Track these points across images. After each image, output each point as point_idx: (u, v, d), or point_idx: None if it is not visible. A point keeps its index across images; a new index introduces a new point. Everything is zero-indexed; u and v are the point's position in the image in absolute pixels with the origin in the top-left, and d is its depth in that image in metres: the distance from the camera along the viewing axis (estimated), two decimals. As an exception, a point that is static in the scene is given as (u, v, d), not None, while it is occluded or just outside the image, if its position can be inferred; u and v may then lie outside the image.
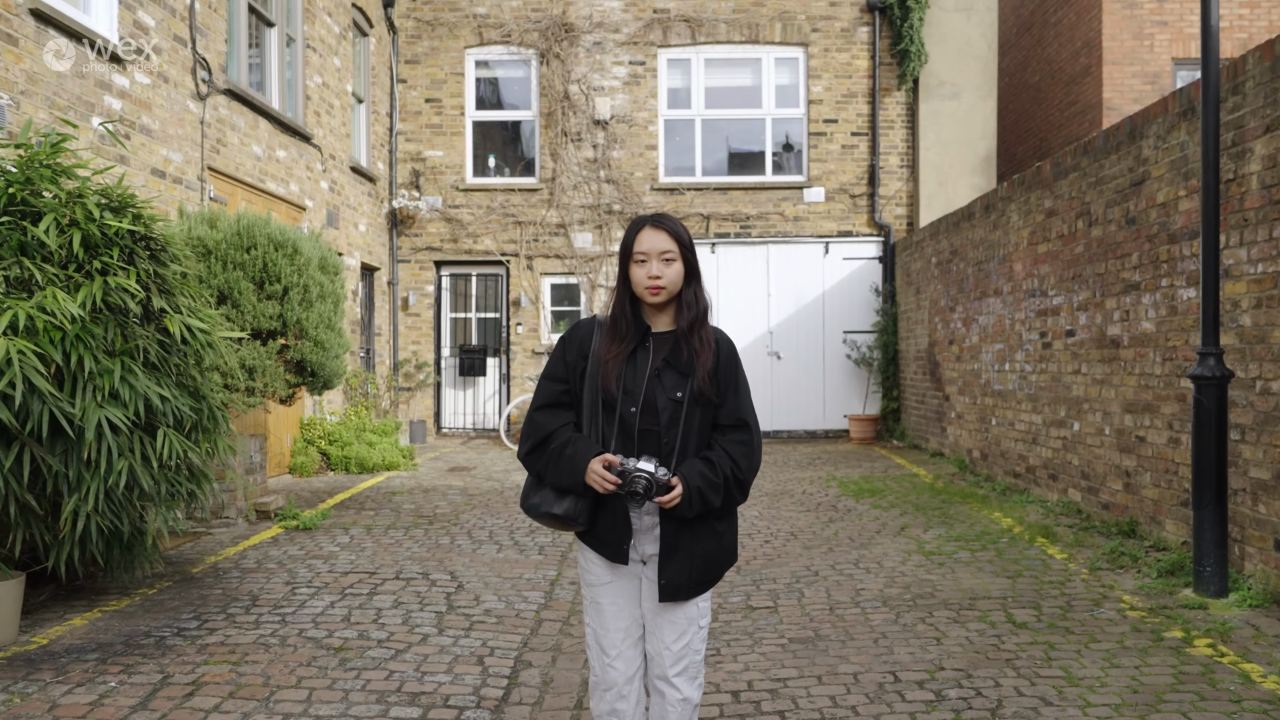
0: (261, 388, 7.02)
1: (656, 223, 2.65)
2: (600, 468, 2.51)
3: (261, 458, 7.51)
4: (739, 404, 2.67)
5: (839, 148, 13.16)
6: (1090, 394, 6.93)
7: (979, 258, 9.44)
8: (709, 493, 2.55)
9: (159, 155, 7.12)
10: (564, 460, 2.57)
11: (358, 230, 11.76)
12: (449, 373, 13.50)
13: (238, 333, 5.58)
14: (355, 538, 6.76)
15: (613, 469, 2.52)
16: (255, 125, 8.77)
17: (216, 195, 7.96)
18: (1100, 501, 6.74)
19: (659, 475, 2.49)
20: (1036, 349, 7.94)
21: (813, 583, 5.47)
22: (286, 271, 6.92)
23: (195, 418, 4.92)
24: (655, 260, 2.62)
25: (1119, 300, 6.51)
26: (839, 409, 13.17)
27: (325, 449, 9.82)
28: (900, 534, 6.68)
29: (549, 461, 2.60)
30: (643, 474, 2.49)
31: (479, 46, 13.20)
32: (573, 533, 2.77)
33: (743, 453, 2.63)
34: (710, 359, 2.67)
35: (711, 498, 2.55)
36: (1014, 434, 8.45)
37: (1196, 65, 13.06)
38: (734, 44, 13.15)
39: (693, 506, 2.53)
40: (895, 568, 5.73)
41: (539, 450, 2.64)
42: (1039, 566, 5.65)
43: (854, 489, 8.68)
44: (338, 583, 5.51)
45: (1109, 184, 6.68)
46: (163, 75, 7.19)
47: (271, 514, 7.36)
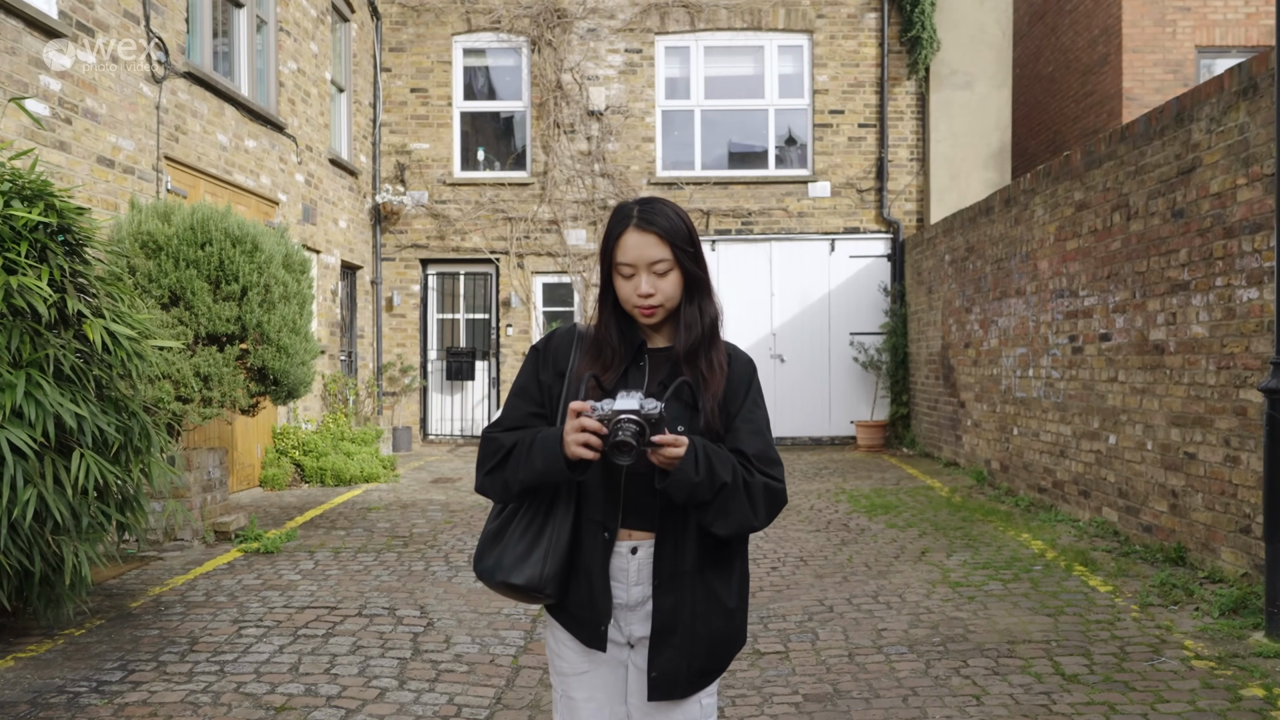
0: (219, 398, 6.39)
1: (644, 221, 1.99)
2: (575, 420, 1.88)
3: (221, 473, 6.89)
4: (756, 439, 2.03)
5: (845, 140, 12.53)
6: (1129, 404, 6.31)
7: (999, 255, 8.82)
8: (717, 463, 1.90)
9: (106, 142, 6.49)
10: (535, 449, 1.94)
11: (338, 226, 11.12)
12: (435, 376, 12.87)
13: (172, 341, 4.95)
14: (320, 563, 6.13)
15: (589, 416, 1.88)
16: (220, 112, 8.13)
17: (175, 187, 7.33)
18: (1141, 523, 6.12)
19: (647, 409, 1.84)
20: (1065, 354, 7.32)
21: (828, 621, 4.84)
22: (245, 270, 6.29)
23: (121, 438, 4.29)
24: (645, 273, 1.99)
25: (1163, 301, 5.88)
26: (846, 414, 12.54)
27: (299, 460, 9.19)
28: (921, 559, 6.05)
29: (517, 463, 1.98)
30: (627, 414, 1.83)
31: (467, 33, 12.56)
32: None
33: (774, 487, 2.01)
34: (721, 385, 2.04)
35: (720, 470, 1.89)
36: (1039, 445, 7.83)
37: (1222, 53, 12.45)
38: (735, 31, 12.51)
39: (699, 469, 1.86)
40: (919, 602, 5.10)
41: (502, 466, 2.01)
42: (1082, 601, 5.02)
43: (866, 504, 8.05)
44: (291, 621, 4.88)
45: (1151, 173, 6.05)
46: (111, 54, 6.56)
47: (231, 535, 6.73)
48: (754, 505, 1.95)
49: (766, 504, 1.98)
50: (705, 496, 1.89)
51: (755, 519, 1.95)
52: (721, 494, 1.91)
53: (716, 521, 1.91)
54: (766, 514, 1.99)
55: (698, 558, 2.02)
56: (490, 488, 2.05)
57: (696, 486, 1.88)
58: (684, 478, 1.87)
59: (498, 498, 2.06)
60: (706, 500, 1.90)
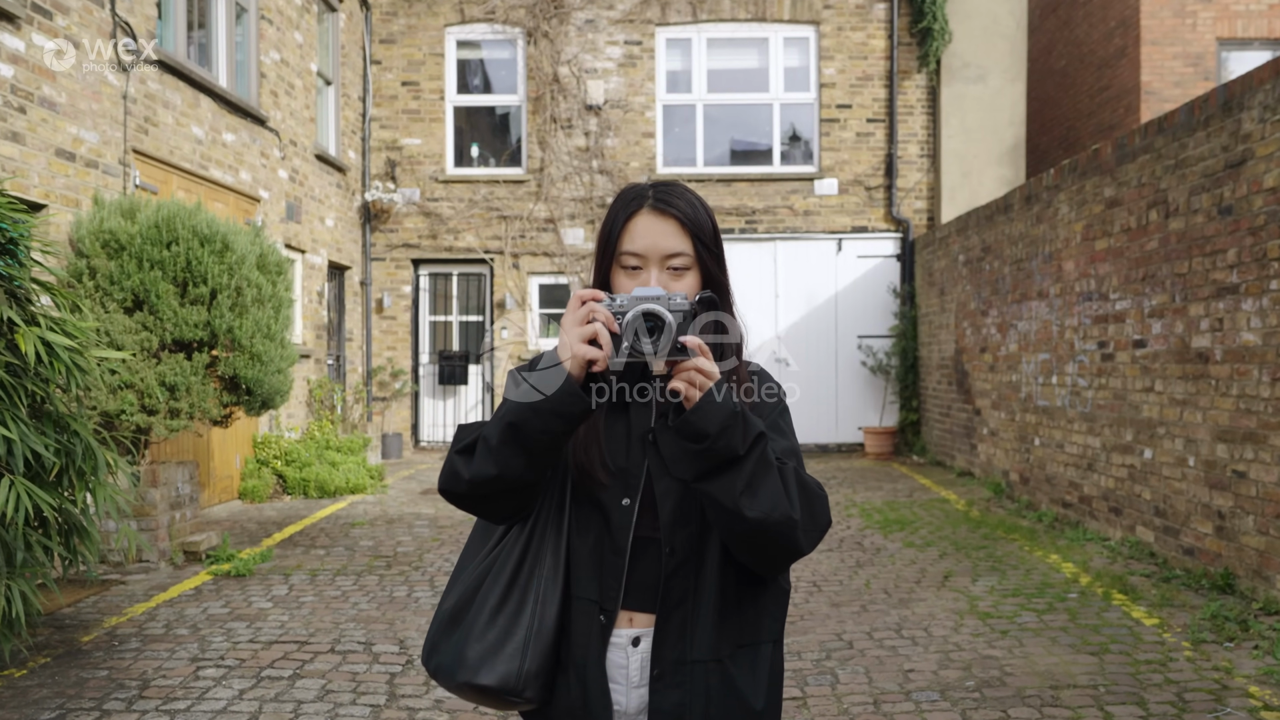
0: (188, 409, 5.93)
1: (662, 203, 1.57)
2: (582, 308, 1.47)
3: (192, 489, 6.43)
4: (783, 441, 1.61)
5: (853, 136, 12.07)
6: (1167, 416, 5.86)
7: (1018, 255, 8.36)
8: (748, 410, 1.47)
9: (66, 133, 6.03)
10: (523, 379, 1.50)
11: (324, 225, 10.65)
12: (428, 381, 12.40)
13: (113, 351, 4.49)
14: (295, 588, 5.67)
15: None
16: (195, 104, 7.67)
17: (144, 183, 6.87)
18: (1181, 545, 5.67)
19: (676, 301, 1.46)
20: (1093, 360, 6.86)
21: (848, 659, 4.38)
22: (214, 271, 5.83)
23: (61, 460, 3.83)
24: (656, 269, 1.57)
25: (1208, 306, 5.43)
26: (853, 421, 12.08)
27: (281, 471, 8.73)
28: (944, 585, 5.60)
29: (501, 407, 1.52)
30: (650, 303, 1.44)
31: (460, 24, 12.09)
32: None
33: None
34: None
35: (753, 418, 1.46)
36: (1063, 457, 7.37)
37: (1243, 46, 12.00)
38: (739, 22, 12.05)
39: (722, 406, 1.42)
40: (947, 637, 4.65)
41: (478, 431, 1.54)
42: (1127, 637, 4.56)
43: (880, 519, 7.60)
44: (256, 660, 4.42)
45: (1194, 166, 5.60)
46: (71, 39, 6.10)
47: (202, 556, 6.27)
48: (788, 488, 1.48)
49: (803, 498, 1.50)
50: (736, 443, 1.42)
51: (792, 508, 1.46)
52: (756, 449, 1.44)
53: (744, 495, 1.43)
54: (805, 509, 1.50)
55: (714, 640, 1.56)
56: (460, 467, 1.52)
57: (730, 422, 1.41)
58: (718, 402, 1.41)
59: (468, 482, 1.51)
60: (737, 453, 1.42)
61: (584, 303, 1.49)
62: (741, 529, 1.48)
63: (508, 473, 1.50)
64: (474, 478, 1.52)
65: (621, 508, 1.58)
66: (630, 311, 1.45)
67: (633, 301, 1.47)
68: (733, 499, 1.46)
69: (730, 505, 1.46)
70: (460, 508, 1.60)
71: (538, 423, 1.47)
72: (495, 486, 1.52)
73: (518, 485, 1.53)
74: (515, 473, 1.50)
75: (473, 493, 1.54)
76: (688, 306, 1.47)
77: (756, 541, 1.49)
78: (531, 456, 1.50)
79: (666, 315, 1.45)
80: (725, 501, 1.46)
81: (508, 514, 1.59)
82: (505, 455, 1.49)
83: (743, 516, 1.46)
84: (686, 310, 1.46)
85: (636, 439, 1.61)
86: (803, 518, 1.51)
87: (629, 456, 1.60)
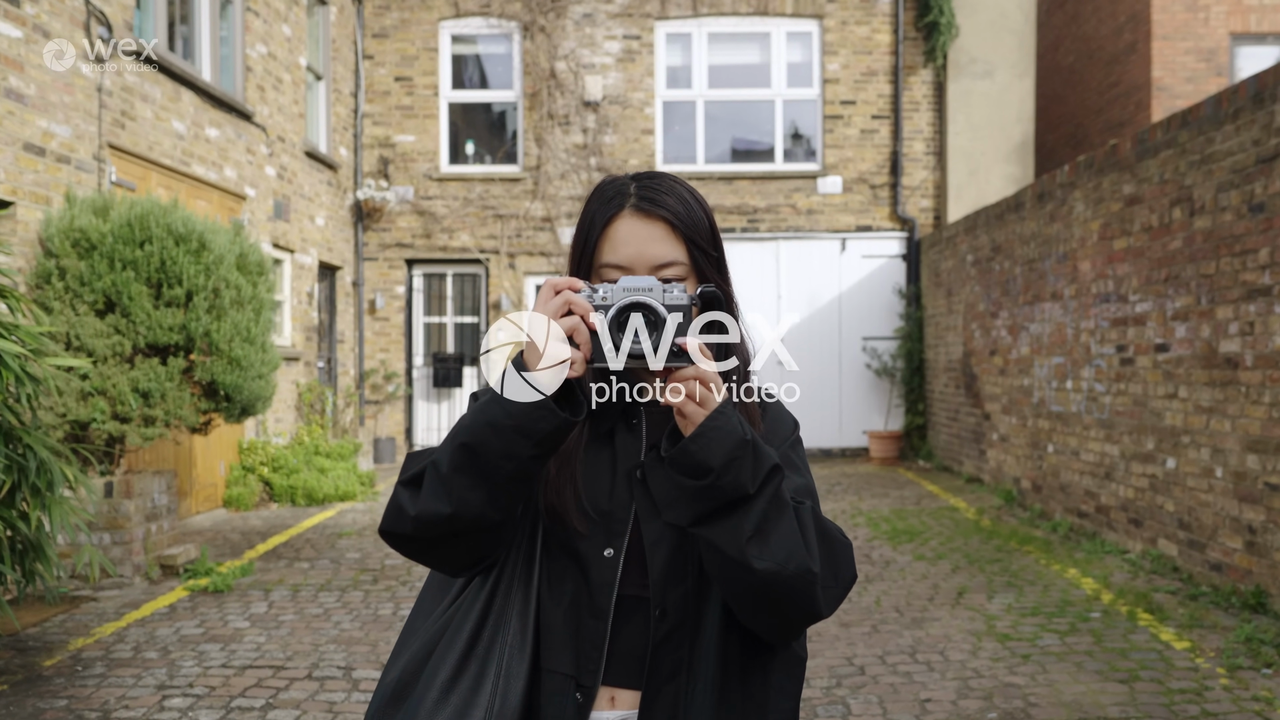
0: (163, 416, 5.65)
1: (647, 202, 1.29)
2: (556, 297, 1.20)
3: (170, 499, 6.14)
4: (796, 477, 1.35)
5: (857, 132, 11.78)
6: (1192, 424, 5.57)
7: (1030, 255, 8.07)
8: (759, 441, 1.20)
9: (35, 127, 5.74)
10: (483, 412, 1.20)
11: (314, 224, 10.37)
12: (421, 384, 12.11)
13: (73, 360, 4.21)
14: (276, 605, 5.39)
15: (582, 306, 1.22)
16: (176, 97, 7.38)
17: (121, 179, 6.58)
18: (1208, 560, 5.38)
19: (673, 296, 1.21)
20: (1112, 365, 6.58)
21: (859, 687, 4.10)
22: (190, 272, 5.55)
23: (12, 477, 3.55)
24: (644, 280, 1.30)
25: (1237, 308, 5.14)
26: (857, 424, 11.79)
27: (268, 477, 8.45)
28: (959, 602, 5.31)
29: (458, 425, 1.24)
30: (640, 295, 1.20)
31: (455, 18, 11.80)
32: None
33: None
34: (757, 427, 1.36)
35: (766, 449, 1.20)
36: (1079, 465, 7.08)
37: (1258, 41, 11.72)
38: (740, 16, 11.76)
39: (743, 426, 1.17)
40: (965, 662, 4.36)
41: (430, 458, 1.25)
42: (1157, 662, 4.27)
43: (888, 529, 7.31)
44: (227, 687, 4.14)
45: (1222, 161, 5.31)
46: (40, 28, 5.81)
47: (179, 570, 5.99)
48: (805, 535, 1.21)
49: (823, 548, 1.23)
50: (745, 478, 1.16)
51: (810, 559, 1.19)
52: (769, 486, 1.18)
53: (753, 542, 1.17)
54: (825, 561, 1.23)
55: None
56: (405, 502, 1.24)
57: (739, 452, 1.15)
58: (726, 427, 1.15)
59: (414, 521, 1.22)
60: (746, 491, 1.16)
61: (557, 292, 1.20)
62: (749, 584, 1.20)
63: (464, 510, 1.21)
64: (421, 516, 1.23)
65: (603, 560, 1.30)
66: (616, 304, 1.19)
67: (619, 293, 1.20)
68: (738, 547, 1.18)
69: (735, 555, 1.18)
70: (406, 555, 1.31)
71: (498, 444, 1.18)
72: (449, 528, 1.23)
73: (477, 527, 1.24)
74: (473, 510, 1.21)
75: (420, 535, 1.25)
76: (686, 301, 1.21)
77: (766, 600, 1.21)
78: (493, 489, 1.21)
79: (661, 310, 1.18)
80: (729, 550, 1.19)
81: (465, 564, 1.31)
82: (460, 487, 1.20)
83: (750, 568, 1.18)
84: (685, 306, 1.20)
85: (622, 475, 1.33)
86: (823, 571, 1.23)
87: (612, 497, 1.32)
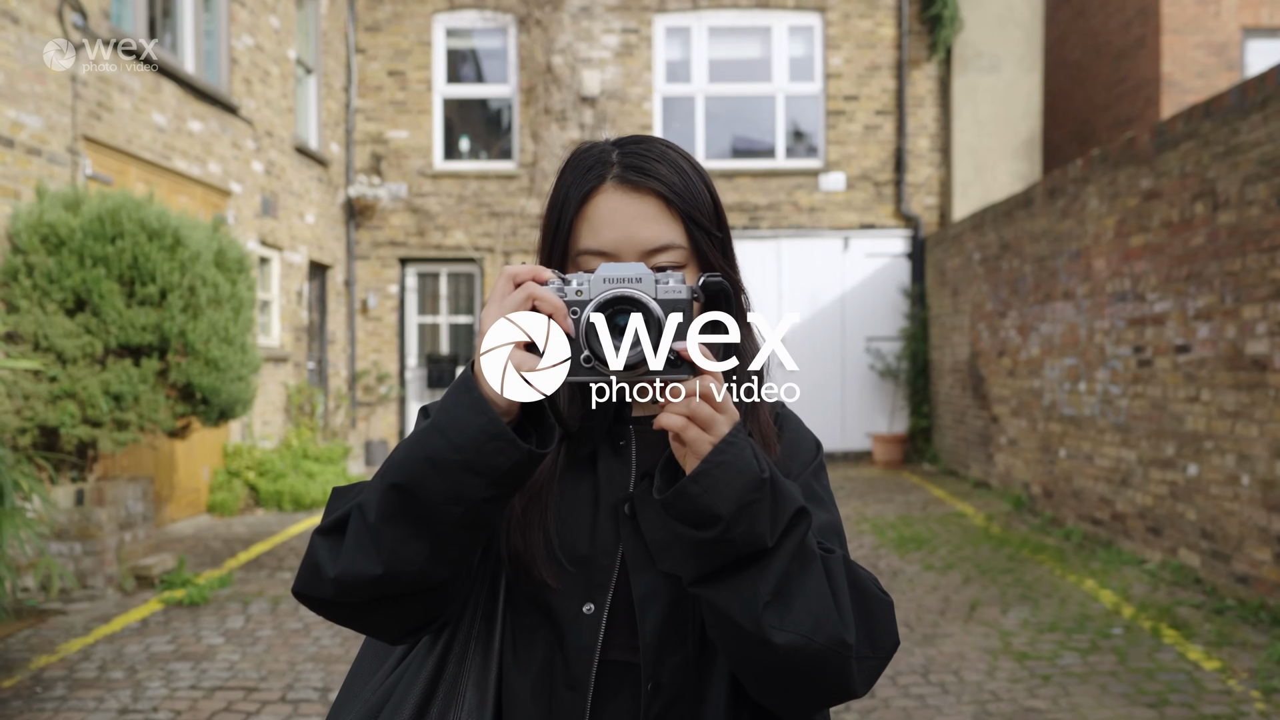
0: (137, 420, 5.39)
1: (633, 171, 1.03)
2: (518, 291, 0.94)
3: (146, 507, 5.88)
4: (822, 513, 1.10)
5: (860, 128, 11.52)
6: (1216, 429, 5.31)
7: (1041, 253, 7.81)
8: (781, 479, 0.94)
9: (4, 118, 5.48)
10: (421, 444, 0.96)
11: (304, 221, 10.11)
12: (415, 385, 11.84)
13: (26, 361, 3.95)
14: (253, 619, 5.12)
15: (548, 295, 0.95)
16: (156, 89, 7.12)
17: (97, 173, 6.32)
18: (1233, 572, 5.12)
19: (667, 290, 0.93)
20: (1128, 366, 6.32)
21: (871, 710, 3.84)
22: (164, 269, 5.29)
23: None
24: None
25: (1265, 308, 4.88)
26: (861, 427, 11.53)
27: (254, 482, 8.18)
28: (972, 617, 5.05)
29: (390, 458, 0.98)
30: (623, 288, 0.92)
31: (449, 11, 11.53)
32: None
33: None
34: (774, 452, 1.13)
35: (789, 490, 0.94)
36: (1092, 470, 6.82)
37: (1270, 35, 11.46)
38: (741, 9, 11.50)
39: (759, 461, 0.90)
40: (981, 683, 4.10)
41: (337, 532, 0.98)
42: (1187, 684, 4.01)
43: (894, 536, 7.05)
44: (194, 711, 3.87)
45: (1248, 153, 5.05)
46: (9, 14, 5.55)
47: (155, 581, 5.72)
48: (837, 596, 0.94)
49: (859, 609, 0.97)
50: (763, 528, 0.90)
51: (843, 626, 0.93)
52: (792, 537, 0.92)
53: (771, 609, 0.91)
54: (862, 626, 0.96)
55: None
56: (322, 557, 0.97)
57: (754, 495, 0.89)
58: (738, 462, 0.89)
59: (334, 583, 0.95)
60: (763, 544, 0.91)
61: (518, 284, 0.94)
62: (764, 661, 0.93)
63: (399, 568, 0.94)
64: (343, 578, 0.96)
65: (582, 618, 1.04)
66: (596, 298, 0.92)
67: (598, 284, 0.93)
68: (753, 614, 0.92)
69: (748, 624, 0.92)
70: (331, 620, 1.05)
71: (441, 485, 0.92)
72: (379, 591, 0.96)
73: (418, 587, 0.97)
74: (411, 568, 0.94)
75: (343, 599, 0.98)
76: (686, 294, 0.93)
77: (787, 678, 0.95)
78: (438, 540, 0.94)
79: (654, 306, 0.91)
80: (740, 618, 0.92)
81: (405, 631, 1.04)
82: (392, 540, 0.93)
83: (767, 642, 0.92)
84: (684, 300, 0.93)
85: (606, 511, 1.07)
86: (859, 641, 0.96)
87: (594, 539, 1.06)
